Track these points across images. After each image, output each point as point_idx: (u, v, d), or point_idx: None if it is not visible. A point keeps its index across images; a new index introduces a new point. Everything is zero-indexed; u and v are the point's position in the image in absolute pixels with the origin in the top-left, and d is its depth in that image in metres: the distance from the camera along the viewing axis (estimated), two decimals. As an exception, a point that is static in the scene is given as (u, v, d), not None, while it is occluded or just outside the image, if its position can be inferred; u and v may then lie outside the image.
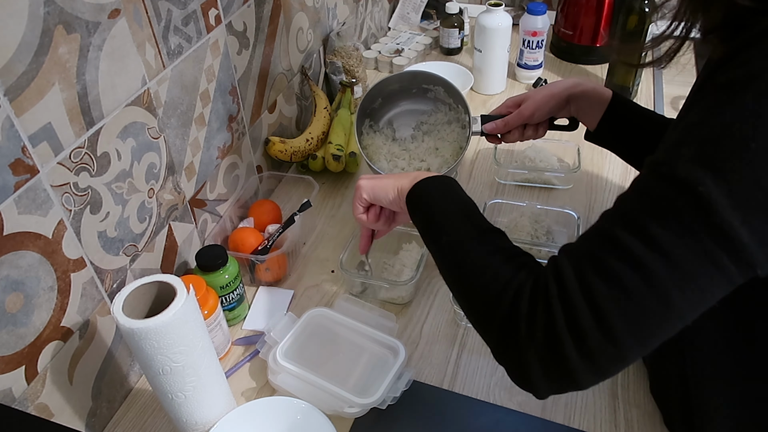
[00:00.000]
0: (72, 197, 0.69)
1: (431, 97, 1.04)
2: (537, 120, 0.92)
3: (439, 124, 1.05)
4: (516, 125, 0.93)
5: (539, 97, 0.90)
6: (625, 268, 0.47)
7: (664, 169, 0.48)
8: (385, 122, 1.07)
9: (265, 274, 0.98)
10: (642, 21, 1.22)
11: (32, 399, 0.68)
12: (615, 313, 0.48)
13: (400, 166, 1.02)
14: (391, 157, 1.04)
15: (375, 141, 1.05)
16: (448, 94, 1.02)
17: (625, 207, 0.51)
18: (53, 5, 0.62)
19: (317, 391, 0.79)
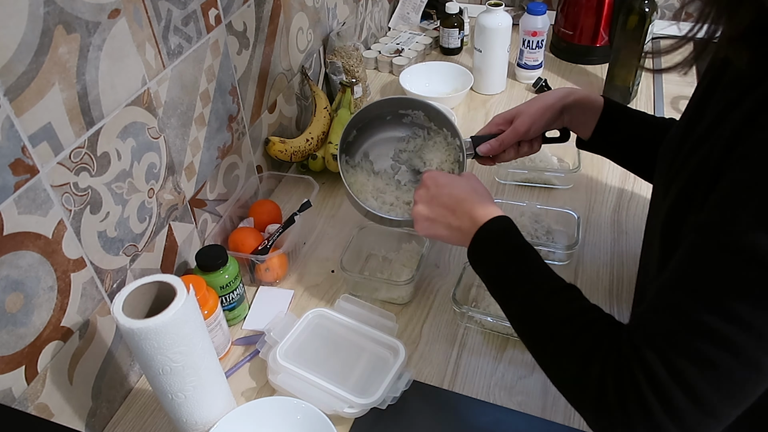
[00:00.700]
0: (72, 197, 0.69)
1: (407, 122, 0.96)
2: (533, 135, 0.88)
3: (418, 149, 0.95)
4: (511, 143, 0.88)
5: (533, 110, 0.86)
6: (711, 348, 0.47)
7: (724, 239, 0.47)
8: (360, 155, 0.97)
9: (265, 274, 0.98)
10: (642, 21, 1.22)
11: (32, 399, 0.68)
12: (709, 391, 0.48)
13: (388, 202, 0.93)
14: (377, 194, 0.94)
15: (357, 178, 0.94)
16: (428, 118, 0.94)
17: (695, 282, 0.50)
18: (53, 5, 0.62)
19: (317, 391, 0.79)
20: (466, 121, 1.36)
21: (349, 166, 0.95)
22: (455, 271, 0.99)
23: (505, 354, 0.87)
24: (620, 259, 1.00)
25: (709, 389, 0.48)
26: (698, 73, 1.47)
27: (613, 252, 1.01)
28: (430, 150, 0.94)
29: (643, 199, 1.11)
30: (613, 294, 0.94)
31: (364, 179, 0.95)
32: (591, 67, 1.51)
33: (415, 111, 0.94)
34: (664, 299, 0.52)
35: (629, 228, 1.05)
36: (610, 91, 1.37)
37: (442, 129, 0.93)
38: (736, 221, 0.46)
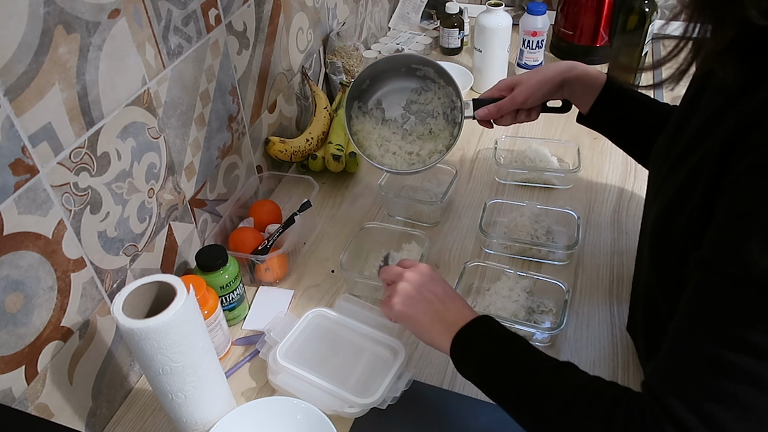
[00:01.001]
0: (72, 197, 0.69)
1: (420, 75, 1.00)
2: (530, 105, 0.91)
3: (429, 103, 1.01)
4: (509, 111, 0.91)
5: (533, 82, 0.89)
6: (739, 387, 0.46)
7: (735, 271, 0.46)
8: (373, 102, 1.02)
9: (265, 274, 0.98)
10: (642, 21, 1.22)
11: (32, 399, 0.68)
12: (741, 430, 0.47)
13: (391, 150, 0.98)
14: (382, 142, 1.00)
15: (365, 126, 1.00)
16: (438, 75, 0.99)
17: (708, 321, 0.49)
18: (53, 5, 0.62)
19: (317, 391, 0.79)
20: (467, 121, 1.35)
21: (361, 112, 1.01)
22: (455, 271, 0.99)
23: (505, 354, 0.87)
24: (620, 259, 1.00)
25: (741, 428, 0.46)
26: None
27: (613, 252, 1.01)
28: (438, 105, 1.00)
29: (643, 199, 1.11)
30: (613, 294, 0.94)
31: (371, 128, 1.00)
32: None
33: (426, 67, 0.98)
34: (682, 345, 0.50)
35: (629, 228, 1.06)
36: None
37: (449, 87, 0.98)
38: (743, 252, 0.45)
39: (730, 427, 0.47)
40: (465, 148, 1.28)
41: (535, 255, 1.00)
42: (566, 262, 1.00)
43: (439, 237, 1.07)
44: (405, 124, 1.02)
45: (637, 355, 0.85)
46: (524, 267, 0.99)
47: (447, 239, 1.06)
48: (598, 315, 0.91)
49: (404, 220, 1.11)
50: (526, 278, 0.92)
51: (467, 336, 0.66)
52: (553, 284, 0.90)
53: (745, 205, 0.47)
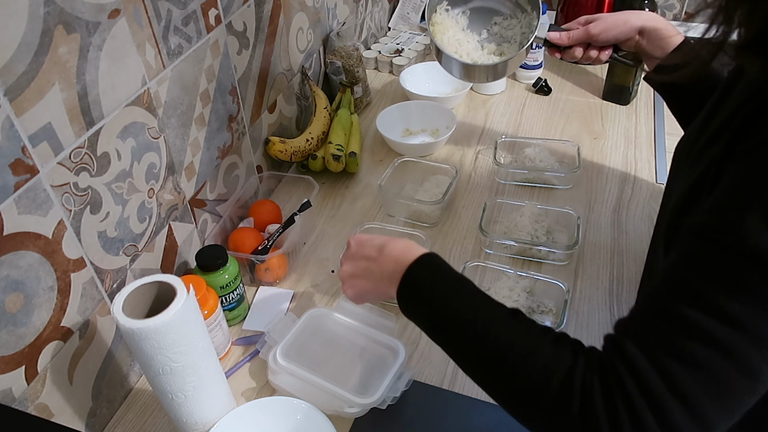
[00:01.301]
0: (72, 197, 0.69)
1: (513, 1, 1.03)
2: (602, 42, 0.89)
3: (511, 29, 1.03)
4: (580, 41, 0.91)
5: (611, 18, 0.88)
6: (707, 351, 0.45)
7: (728, 240, 0.45)
8: (461, 11, 1.06)
9: (265, 274, 0.98)
10: (642, 21, 1.22)
11: (32, 399, 0.68)
12: (706, 401, 0.45)
13: (462, 51, 1.01)
14: (455, 41, 1.02)
15: (445, 21, 1.04)
16: (528, 1, 1.01)
17: (689, 283, 0.47)
18: (53, 5, 0.62)
19: (317, 391, 0.79)
20: (467, 120, 1.36)
21: (445, 10, 1.04)
22: (455, 271, 0.99)
23: (505, 354, 0.87)
24: (620, 259, 1.00)
25: (705, 398, 0.45)
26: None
27: (613, 252, 1.01)
28: (518, 33, 1.02)
29: (643, 199, 1.11)
30: (613, 294, 0.94)
31: (450, 25, 1.04)
32: (591, 67, 1.51)
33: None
34: (657, 304, 0.49)
35: (629, 228, 1.06)
36: (610, 90, 1.37)
37: (533, 12, 1.00)
38: (740, 223, 0.45)
39: (689, 388, 0.45)
40: (465, 148, 1.28)
41: (535, 255, 1.00)
42: (566, 262, 1.00)
43: (439, 237, 1.07)
44: (481, 40, 1.05)
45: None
46: (524, 267, 0.99)
47: (447, 239, 1.06)
48: (598, 315, 0.91)
49: (404, 220, 1.11)
50: (526, 278, 0.92)
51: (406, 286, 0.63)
52: (553, 284, 0.90)
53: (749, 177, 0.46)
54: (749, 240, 0.44)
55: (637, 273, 0.97)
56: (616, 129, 1.30)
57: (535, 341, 0.53)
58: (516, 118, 1.36)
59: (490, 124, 1.35)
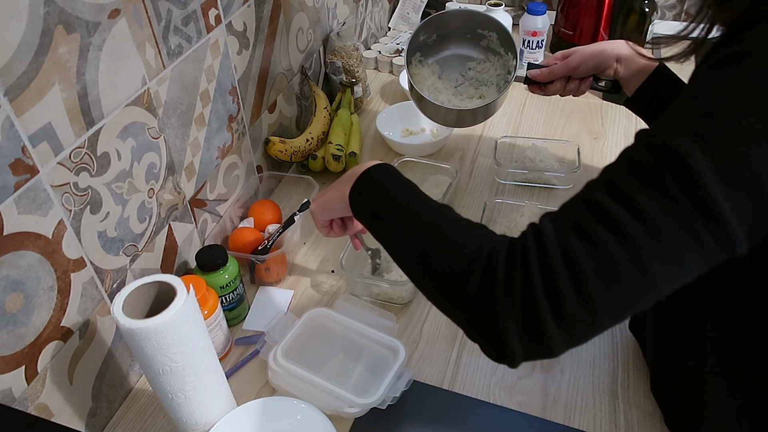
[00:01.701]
0: (72, 197, 0.69)
1: (484, 45, 1.06)
2: (581, 74, 0.92)
3: (486, 72, 1.07)
4: (560, 76, 0.93)
5: (588, 51, 0.91)
6: (607, 235, 0.47)
7: (655, 141, 0.49)
8: (434, 60, 1.10)
9: (265, 274, 0.98)
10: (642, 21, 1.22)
11: (32, 399, 0.68)
12: (593, 278, 0.47)
13: (440, 99, 1.05)
14: (433, 90, 1.07)
15: (421, 71, 1.08)
16: (500, 43, 1.03)
17: (612, 175, 0.51)
18: (53, 5, 0.62)
19: (317, 391, 0.79)
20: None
21: (418, 62, 1.09)
22: (455, 271, 0.99)
23: (505, 354, 0.87)
24: (620, 259, 1.00)
25: (594, 277, 0.47)
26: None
27: (613, 252, 1.01)
28: (494, 75, 1.07)
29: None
30: (613, 294, 0.94)
31: (427, 75, 1.09)
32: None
33: (491, 33, 1.04)
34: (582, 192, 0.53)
35: (629, 228, 1.05)
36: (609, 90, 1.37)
37: (508, 53, 1.03)
38: (669, 127, 0.48)
39: (581, 264, 0.47)
40: (465, 148, 1.28)
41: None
42: (566, 262, 0.99)
43: (439, 237, 1.07)
44: (458, 86, 1.09)
45: (636, 355, 0.85)
46: (524, 267, 0.99)
47: (447, 239, 1.06)
48: (598, 315, 0.91)
49: (404, 220, 1.11)
50: (526, 278, 0.92)
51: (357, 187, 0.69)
52: (553, 284, 0.90)
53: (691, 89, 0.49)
54: (671, 142, 0.47)
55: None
56: (616, 129, 1.30)
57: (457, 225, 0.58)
58: (516, 118, 1.36)
59: (490, 124, 1.35)
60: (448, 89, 1.07)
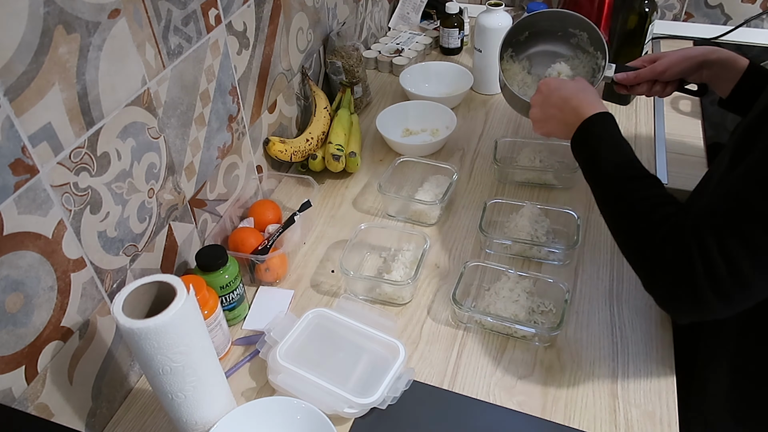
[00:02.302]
0: (72, 197, 0.69)
1: (574, 43, 1.09)
2: (668, 78, 0.95)
3: (575, 69, 1.09)
4: (646, 79, 0.96)
5: (675, 56, 0.94)
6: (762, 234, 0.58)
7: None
8: (525, 56, 1.14)
9: (265, 274, 0.98)
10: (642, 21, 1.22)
11: (32, 399, 0.68)
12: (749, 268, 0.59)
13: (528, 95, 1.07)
14: (522, 85, 1.12)
15: (512, 67, 1.13)
16: (590, 42, 1.06)
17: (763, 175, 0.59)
18: (53, 5, 0.62)
19: (317, 391, 0.79)
20: (466, 121, 1.36)
21: (510, 57, 1.14)
22: (455, 271, 0.99)
23: (505, 354, 0.87)
24: (620, 258, 0.99)
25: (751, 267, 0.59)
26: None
27: (613, 252, 1.01)
28: (581, 72, 1.09)
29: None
30: (613, 294, 0.94)
31: (517, 71, 1.13)
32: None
33: (582, 32, 1.06)
34: (732, 187, 0.62)
35: (629, 228, 1.05)
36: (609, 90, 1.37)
37: (597, 53, 1.05)
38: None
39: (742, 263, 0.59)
40: (465, 148, 1.28)
41: (535, 255, 1.00)
42: (566, 262, 1.00)
43: (439, 237, 1.07)
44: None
45: (636, 355, 0.85)
46: (524, 267, 0.99)
47: (447, 239, 1.06)
48: (598, 315, 0.91)
49: (404, 220, 1.11)
50: (526, 278, 0.92)
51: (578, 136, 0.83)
52: (553, 284, 0.90)
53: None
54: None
55: (637, 273, 0.97)
56: (616, 129, 1.30)
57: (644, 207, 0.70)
58: (516, 118, 1.36)
59: (490, 124, 1.35)
60: (536, 84, 1.09)
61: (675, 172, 1.17)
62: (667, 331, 0.88)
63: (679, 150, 1.22)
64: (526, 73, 1.13)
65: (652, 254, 0.66)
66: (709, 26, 1.61)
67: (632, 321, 0.90)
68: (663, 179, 1.15)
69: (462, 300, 0.92)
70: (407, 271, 0.96)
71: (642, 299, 0.93)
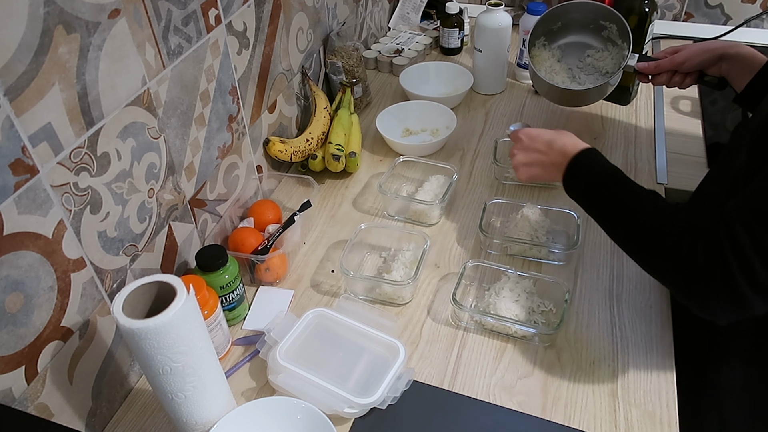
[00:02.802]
0: (72, 197, 0.69)
1: (605, 35, 1.14)
2: (687, 69, 0.98)
3: (602, 60, 1.16)
4: (666, 69, 1.01)
5: (695, 48, 0.97)
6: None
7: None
8: (556, 46, 1.20)
9: (265, 274, 0.98)
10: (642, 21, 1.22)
11: (32, 399, 0.68)
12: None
13: (556, 81, 1.16)
14: (550, 71, 1.18)
15: (542, 54, 1.19)
16: (619, 34, 1.11)
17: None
18: (53, 5, 0.62)
19: (317, 391, 0.79)
20: (466, 121, 1.36)
21: (542, 45, 1.19)
22: (455, 271, 0.99)
23: (505, 354, 0.87)
24: (620, 259, 1.00)
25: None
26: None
27: (613, 252, 1.01)
28: (609, 64, 1.15)
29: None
30: (613, 294, 0.94)
31: (546, 57, 1.19)
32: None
33: (612, 24, 1.12)
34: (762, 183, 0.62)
35: (629, 228, 1.05)
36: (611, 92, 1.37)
37: (624, 44, 1.10)
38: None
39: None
40: (465, 148, 1.28)
41: (535, 255, 1.00)
42: (566, 262, 1.00)
43: (439, 237, 1.07)
44: (574, 72, 1.19)
45: (637, 355, 0.85)
46: (524, 267, 0.99)
47: (447, 239, 1.06)
48: (598, 315, 0.91)
49: (404, 220, 1.11)
50: (526, 278, 0.92)
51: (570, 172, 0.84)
52: (553, 284, 0.90)
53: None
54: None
55: (638, 273, 0.97)
56: (616, 129, 1.30)
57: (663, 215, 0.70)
58: (516, 118, 1.36)
59: (490, 124, 1.35)
60: (564, 72, 1.18)
61: (675, 172, 1.17)
62: (667, 331, 0.88)
63: (679, 150, 1.22)
64: (556, 60, 1.19)
65: (682, 264, 0.66)
66: (709, 26, 1.61)
67: (632, 321, 0.90)
68: (663, 179, 1.15)
69: (462, 300, 0.92)
70: (407, 271, 0.96)
71: (642, 299, 0.93)
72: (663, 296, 0.93)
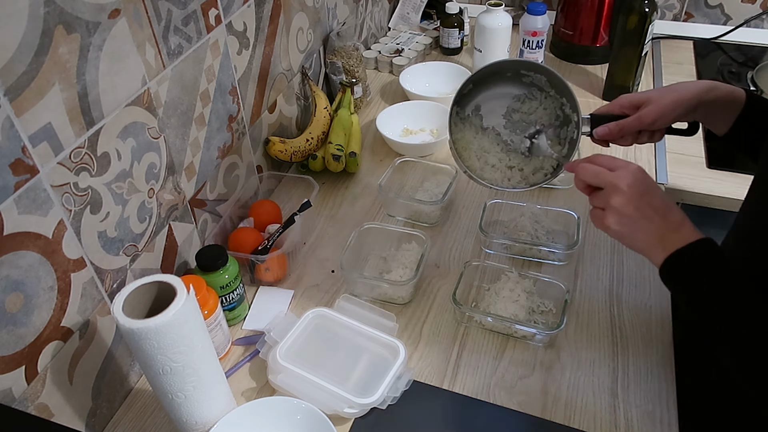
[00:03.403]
0: (72, 197, 0.69)
1: (527, 81, 0.87)
2: (658, 127, 0.80)
3: (532, 113, 0.88)
4: (632, 131, 0.81)
5: (665, 102, 0.78)
6: None
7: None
8: (472, 107, 0.90)
9: (265, 274, 0.98)
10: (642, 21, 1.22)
11: (32, 399, 0.68)
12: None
13: (491, 164, 0.88)
14: (481, 153, 0.89)
15: (464, 134, 0.90)
16: (549, 84, 0.86)
17: None
18: (53, 5, 0.62)
19: (317, 391, 0.79)
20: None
21: (458, 118, 0.90)
22: (455, 271, 0.99)
23: (505, 354, 0.87)
24: (620, 259, 1.00)
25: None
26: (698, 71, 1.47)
27: (613, 252, 1.01)
28: (543, 116, 0.88)
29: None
30: (613, 294, 0.94)
31: (471, 137, 0.90)
32: (591, 67, 1.51)
33: (538, 74, 0.86)
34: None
35: (629, 228, 1.05)
36: (609, 91, 1.37)
37: (561, 98, 0.86)
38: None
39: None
40: (465, 148, 1.28)
41: (535, 255, 1.00)
42: (566, 262, 1.00)
43: (439, 237, 1.07)
44: (506, 136, 0.90)
45: (636, 355, 0.85)
46: (524, 267, 0.99)
47: (447, 239, 1.06)
48: (598, 315, 0.91)
49: (404, 220, 1.11)
50: (526, 278, 0.92)
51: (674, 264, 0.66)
52: (553, 284, 0.90)
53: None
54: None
55: (638, 273, 0.97)
56: (616, 129, 1.30)
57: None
58: (516, 118, 1.36)
59: (490, 124, 1.35)
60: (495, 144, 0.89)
61: (675, 172, 1.17)
62: (667, 331, 0.88)
63: (679, 150, 1.22)
64: (480, 132, 0.90)
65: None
66: (709, 26, 1.61)
67: (632, 321, 0.90)
68: (663, 179, 1.15)
69: (462, 300, 0.92)
70: (407, 271, 0.96)
71: (642, 299, 0.93)
72: (663, 296, 0.93)
